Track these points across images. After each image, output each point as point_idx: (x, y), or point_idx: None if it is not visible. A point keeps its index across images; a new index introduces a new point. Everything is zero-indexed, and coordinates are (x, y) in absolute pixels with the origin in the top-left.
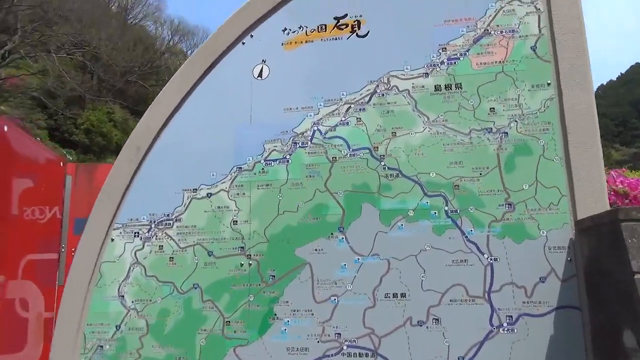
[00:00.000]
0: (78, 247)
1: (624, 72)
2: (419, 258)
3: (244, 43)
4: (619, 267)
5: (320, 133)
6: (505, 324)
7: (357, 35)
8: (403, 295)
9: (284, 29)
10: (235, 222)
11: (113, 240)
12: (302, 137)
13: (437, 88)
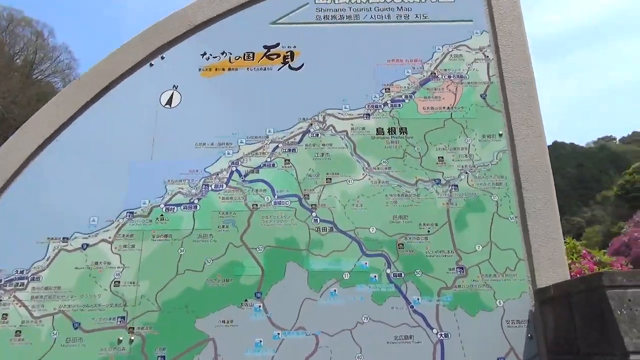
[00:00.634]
0: None
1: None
2: (355, 333)
3: (152, 64)
4: (604, 346)
5: (240, 175)
6: None
7: (289, 67)
8: None
9: (204, 53)
10: (118, 283)
11: None
12: (216, 178)
13: (379, 131)
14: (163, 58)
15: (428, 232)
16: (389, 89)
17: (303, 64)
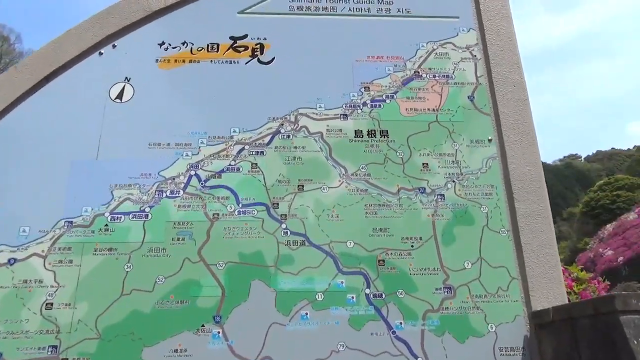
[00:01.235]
0: None
1: None
2: None
3: (102, 53)
4: None
5: (199, 180)
6: None
7: (258, 61)
8: None
9: (162, 43)
10: (50, 305)
11: None
12: (171, 183)
13: (357, 134)
14: (115, 46)
15: (411, 246)
16: (369, 88)
17: (274, 58)
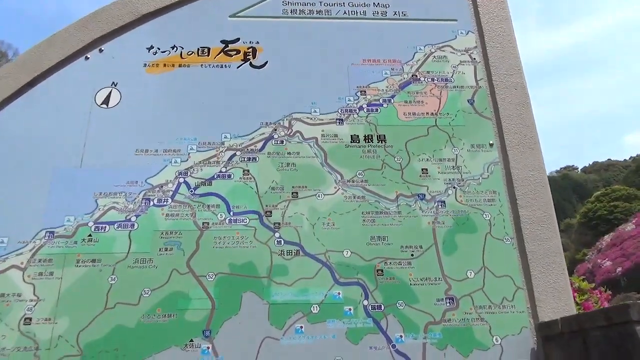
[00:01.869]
0: None
1: None
2: None
3: (88, 58)
4: None
5: (188, 187)
6: None
7: (250, 65)
8: None
9: (150, 47)
10: (29, 320)
11: None
12: (159, 191)
13: (354, 139)
14: (101, 51)
15: (411, 255)
16: (365, 92)
17: (267, 62)
